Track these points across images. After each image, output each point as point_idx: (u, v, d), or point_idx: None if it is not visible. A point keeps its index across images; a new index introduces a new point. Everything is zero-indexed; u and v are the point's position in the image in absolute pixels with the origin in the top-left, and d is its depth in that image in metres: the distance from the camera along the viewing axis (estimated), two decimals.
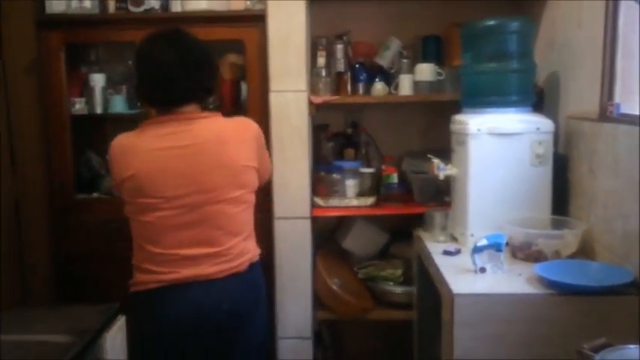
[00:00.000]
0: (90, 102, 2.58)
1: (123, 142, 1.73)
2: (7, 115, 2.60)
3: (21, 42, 2.54)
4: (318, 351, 2.53)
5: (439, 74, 2.48)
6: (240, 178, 1.73)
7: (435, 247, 2.04)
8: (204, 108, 1.86)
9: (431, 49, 2.60)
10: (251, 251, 1.80)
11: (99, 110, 2.59)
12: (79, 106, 2.56)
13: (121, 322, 1.76)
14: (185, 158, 1.67)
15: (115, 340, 1.72)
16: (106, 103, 2.59)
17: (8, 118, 2.61)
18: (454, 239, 2.09)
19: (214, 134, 1.73)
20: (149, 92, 1.74)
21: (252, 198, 1.80)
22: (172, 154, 1.67)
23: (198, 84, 1.73)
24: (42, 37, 2.47)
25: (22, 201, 2.62)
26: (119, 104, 2.58)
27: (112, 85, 2.64)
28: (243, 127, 1.80)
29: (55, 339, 1.57)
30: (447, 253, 1.95)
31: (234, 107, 2.53)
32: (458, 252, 1.95)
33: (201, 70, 1.72)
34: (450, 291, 1.63)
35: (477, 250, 1.73)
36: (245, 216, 1.78)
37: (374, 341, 2.72)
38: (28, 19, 2.49)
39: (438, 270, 1.82)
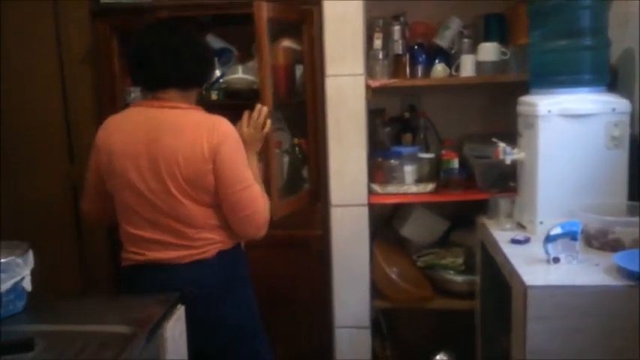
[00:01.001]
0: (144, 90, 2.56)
1: (107, 120, 1.84)
2: (64, 104, 2.63)
3: (77, 32, 2.54)
4: (376, 340, 2.47)
5: (503, 54, 2.36)
6: (195, 177, 1.71)
7: (501, 235, 1.95)
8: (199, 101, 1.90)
9: (494, 27, 2.48)
10: (219, 240, 1.80)
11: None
12: (134, 95, 2.55)
13: (180, 312, 1.73)
14: (145, 145, 1.72)
15: (175, 330, 1.69)
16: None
17: (65, 107, 2.63)
18: (521, 227, 1.99)
19: (176, 127, 1.74)
20: (131, 72, 1.84)
21: (211, 199, 1.75)
22: (136, 140, 1.73)
23: (175, 69, 1.76)
24: (97, 27, 2.47)
25: (79, 189, 2.63)
26: None
27: None
28: (212, 126, 1.73)
29: (115, 329, 1.55)
30: (515, 241, 1.86)
31: (287, 92, 2.48)
32: (527, 240, 1.85)
33: (180, 56, 1.75)
34: (522, 282, 1.54)
35: (550, 239, 1.63)
36: (208, 213, 1.77)
37: (433, 331, 2.64)
38: (84, 9, 2.50)
39: (506, 260, 1.73)
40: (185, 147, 1.71)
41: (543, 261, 1.64)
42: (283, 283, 2.49)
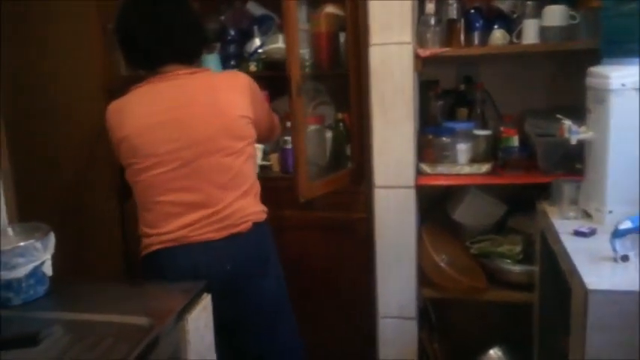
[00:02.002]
0: None
1: (115, 105, 1.72)
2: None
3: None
4: (423, 331, 2.30)
5: (572, 18, 2.08)
6: (236, 127, 1.69)
7: (563, 224, 1.73)
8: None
9: None
10: (253, 210, 1.75)
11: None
12: None
13: (205, 302, 1.63)
14: (174, 111, 1.66)
15: (199, 321, 1.59)
16: (198, 63, 2.45)
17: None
18: (587, 216, 1.77)
19: (204, 84, 1.71)
20: (123, 54, 1.75)
21: (251, 151, 1.76)
22: (161, 110, 1.66)
23: (167, 45, 1.69)
24: None
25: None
26: (212, 63, 2.43)
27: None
28: (234, 77, 1.79)
29: (134, 320, 1.46)
30: (578, 233, 1.64)
31: (330, 63, 2.31)
32: (592, 233, 1.63)
33: (169, 30, 1.68)
34: (582, 285, 1.33)
35: (618, 233, 1.41)
36: (245, 168, 1.73)
37: (486, 324, 2.44)
38: None
39: (566, 255, 1.52)
40: (224, 100, 1.69)
41: (609, 259, 1.43)
42: (325, 268, 2.37)
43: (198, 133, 1.66)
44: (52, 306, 1.53)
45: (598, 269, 1.40)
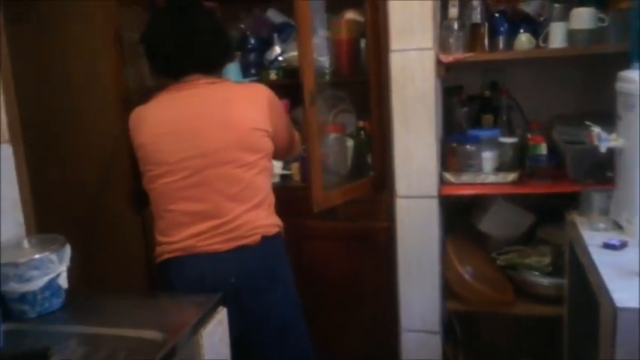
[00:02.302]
0: None
1: (136, 112, 1.75)
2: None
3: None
4: (448, 345, 2.23)
5: (601, 20, 2.00)
6: (248, 139, 1.68)
7: (592, 236, 1.65)
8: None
9: None
10: (263, 223, 1.73)
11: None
12: None
13: (220, 316, 1.60)
14: (188, 121, 1.67)
15: (214, 336, 1.56)
16: (220, 72, 2.42)
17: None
18: (618, 227, 1.68)
19: (221, 95, 1.71)
20: (148, 61, 1.78)
21: (266, 164, 1.74)
22: (175, 119, 1.68)
23: (191, 56, 1.71)
24: None
25: None
26: (233, 72, 2.40)
27: None
28: (254, 90, 1.77)
29: (147, 335, 1.44)
30: (608, 246, 1.56)
31: (351, 70, 2.26)
32: (623, 245, 1.55)
33: (194, 42, 1.71)
34: (611, 302, 1.26)
35: None
36: (257, 181, 1.71)
37: (514, 338, 2.36)
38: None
39: (595, 269, 1.44)
40: (239, 112, 1.69)
41: None
42: (347, 279, 2.33)
43: (209, 144, 1.66)
44: (67, 319, 1.52)
45: (629, 285, 1.32)
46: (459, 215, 2.37)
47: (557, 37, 2.04)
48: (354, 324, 2.34)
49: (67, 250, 1.54)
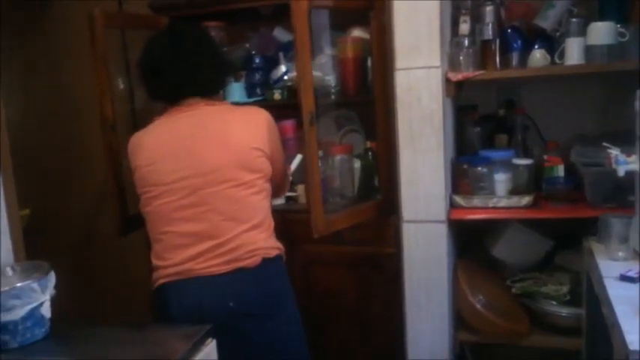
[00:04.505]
0: None
1: (134, 137, 1.74)
2: (131, 97, 2.55)
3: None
4: None
5: (621, 35, 1.88)
6: (246, 159, 1.65)
7: (609, 266, 1.54)
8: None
9: (611, 3, 1.99)
10: (263, 245, 1.67)
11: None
12: None
13: (209, 348, 1.52)
14: (185, 141, 1.65)
15: None
16: (223, 91, 2.37)
17: (132, 101, 2.56)
18: (638, 256, 1.56)
19: (219, 116, 1.70)
20: (145, 86, 1.77)
21: (264, 185, 1.70)
22: (173, 139, 1.66)
23: (190, 79, 1.70)
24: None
25: None
26: (237, 92, 2.36)
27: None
28: (253, 112, 1.75)
29: None
30: (625, 278, 1.45)
31: (357, 89, 2.18)
32: None
33: (193, 65, 1.70)
34: (624, 344, 1.14)
35: None
36: (255, 201, 1.67)
37: None
38: (144, 3, 2.40)
39: (609, 304, 1.33)
40: (238, 132, 1.67)
41: None
42: (353, 306, 2.24)
43: (207, 162, 1.63)
44: (50, 350, 1.46)
45: None
46: (471, 240, 2.26)
47: (573, 53, 1.93)
48: (359, 354, 2.24)
49: (52, 278, 1.49)
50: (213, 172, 1.63)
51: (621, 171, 1.57)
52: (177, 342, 1.50)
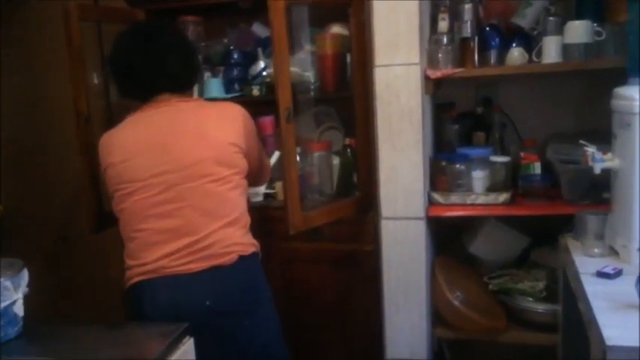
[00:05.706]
0: None
1: (105, 135, 1.72)
2: (106, 92, 2.53)
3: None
4: None
5: (598, 34, 1.90)
6: (223, 154, 1.64)
7: (585, 262, 1.56)
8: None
9: (588, 2, 2.01)
10: (239, 242, 1.66)
11: (194, 95, 2.35)
12: None
13: (186, 347, 1.50)
14: (161, 136, 1.64)
15: None
16: (201, 86, 2.35)
17: (107, 96, 2.54)
18: (614, 253, 1.58)
19: (194, 111, 1.69)
20: (116, 83, 1.75)
21: (240, 180, 1.69)
22: (148, 135, 1.65)
23: (161, 76, 1.68)
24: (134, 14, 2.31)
25: None
26: (215, 88, 2.33)
27: (210, 66, 2.41)
28: (228, 107, 1.74)
29: None
30: (601, 274, 1.46)
31: (336, 86, 2.18)
32: (618, 274, 1.45)
33: (163, 62, 1.68)
34: (600, 339, 1.15)
35: None
36: (231, 197, 1.66)
37: None
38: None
39: (586, 300, 1.34)
40: (214, 126, 1.66)
41: (636, 307, 1.24)
42: (331, 303, 2.23)
43: (183, 158, 1.62)
44: (23, 349, 1.43)
45: (621, 320, 1.22)
46: (448, 237, 2.27)
47: (550, 51, 1.95)
48: (338, 352, 2.23)
49: (25, 276, 1.45)
50: (191, 167, 1.62)
51: (597, 168, 1.58)
52: (153, 341, 1.47)
